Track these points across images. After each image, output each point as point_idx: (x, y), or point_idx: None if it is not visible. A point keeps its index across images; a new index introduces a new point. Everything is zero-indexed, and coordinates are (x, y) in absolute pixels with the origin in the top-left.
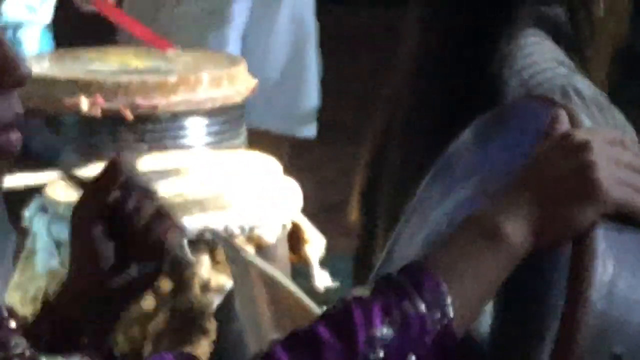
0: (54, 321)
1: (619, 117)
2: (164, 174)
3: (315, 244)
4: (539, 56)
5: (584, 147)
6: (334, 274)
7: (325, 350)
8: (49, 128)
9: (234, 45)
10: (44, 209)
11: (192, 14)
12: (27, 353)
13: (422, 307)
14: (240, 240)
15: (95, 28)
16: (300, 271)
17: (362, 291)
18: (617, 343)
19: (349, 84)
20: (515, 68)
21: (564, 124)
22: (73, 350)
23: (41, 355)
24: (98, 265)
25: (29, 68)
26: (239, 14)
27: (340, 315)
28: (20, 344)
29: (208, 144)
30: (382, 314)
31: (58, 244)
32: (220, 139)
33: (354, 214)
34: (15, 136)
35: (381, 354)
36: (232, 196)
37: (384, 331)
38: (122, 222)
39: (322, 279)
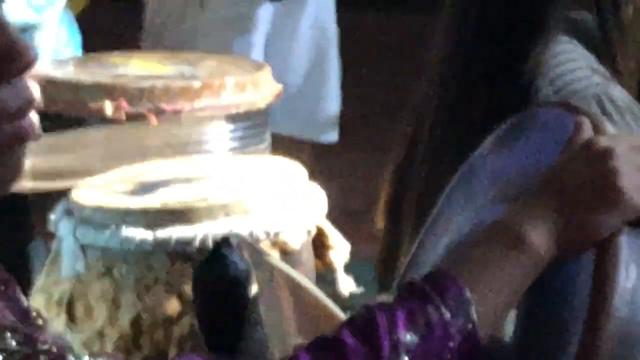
0: None
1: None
2: (188, 179)
3: (339, 250)
4: (572, 64)
5: (606, 154)
6: (357, 280)
7: (350, 356)
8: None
9: (257, 51)
10: (69, 212)
11: (217, 20)
12: (54, 349)
13: (446, 313)
14: (264, 245)
15: (120, 33)
16: (324, 277)
17: (386, 297)
18: (639, 349)
19: (372, 90)
20: (548, 77)
21: (587, 131)
22: None
23: (68, 353)
24: None
25: (35, 53)
26: (263, 20)
27: (364, 320)
28: (47, 341)
29: (232, 149)
30: (406, 320)
31: (84, 248)
32: (244, 144)
33: (379, 221)
34: (28, 123)
35: (404, 359)
36: (257, 201)
37: (407, 337)
38: None
39: (347, 285)
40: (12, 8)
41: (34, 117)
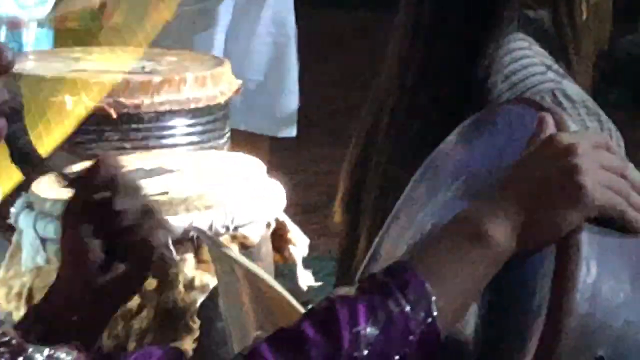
0: (43, 321)
1: (606, 120)
2: (148, 173)
3: (298, 244)
4: (527, 60)
5: (569, 150)
6: (315, 274)
7: (310, 348)
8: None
9: (218, 46)
10: (29, 206)
11: (179, 16)
12: (14, 342)
13: (407, 306)
14: (224, 239)
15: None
16: (283, 271)
17: (347, 290)
18: (599, 345)
19: (330, 86)
20: (504, 72)
21: (550, 128)
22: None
23: (29, 346)
24: (86, 264)
25: (12, 55)
26: (223, 16)
27: (325, 313)
28: (7, 334)
29: (192, 144)
30: (366, 313)
31: (44, 241)
32: (204, 138)
33: (338, 215)
34: (2, 123)
35: (365, 352)
36: (217, 195)
37: (368, 330)
38: (109, 221)
39: (305, 279)
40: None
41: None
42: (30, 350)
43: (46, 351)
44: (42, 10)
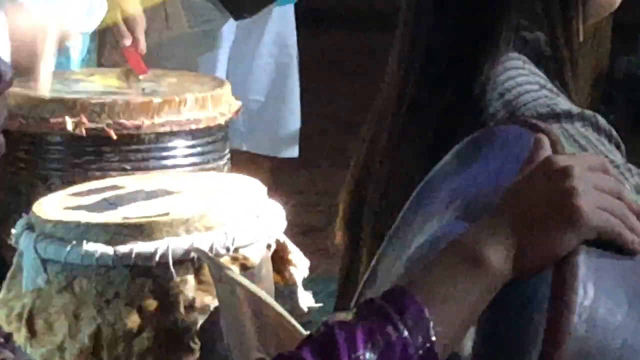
0: None
1: (602, 139)
2: (149, 195)
3: (299, 265)
4: (521, 79)
5: (564, 173)
6: (315, 295)
7: None
8: (34, 147)
9: (221, 67)
10: (30, 227)
11: (182, 37)
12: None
13: (405, 331)
14: (225, 260)
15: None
16: (283, 292)
17: (345, 315)
18: None
19: (330, 106)
20: (498, 90)
21: (545, 150)
22: None
23: None
24: None
25: (12, 74)
26: (227, 37)
27: (324, 339)
28: (7, 358)
29: (192, 165)
30: (365, 338)
31: (44, 262)
32: (204, 159)
33: (338, 237)
34: (2, 139)
35: None
36: (217, 216)
37: (367, 355)
38: None
39: (305, 300)
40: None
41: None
42: None
43: None
44: (92, 20)
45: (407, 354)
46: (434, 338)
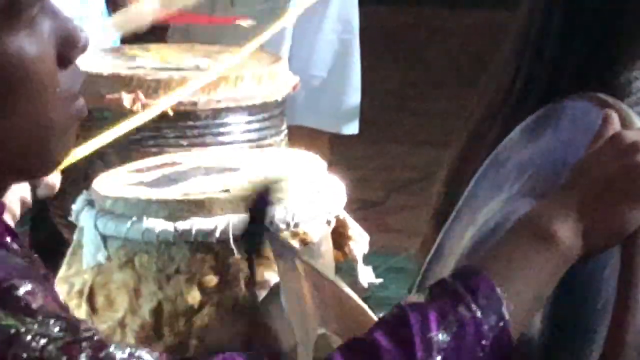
0: None
1: None
2: (208, 170)
3: (358, 241)
4: None
5: (633, 148)
6: (372, 271)
7: (384, 357)
8: (90, 123)
9: (285, 44)
10: (90, 203)
11: (247, 15)
12: (96, 338)
13: (478, 311)
14: (285, 236)
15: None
16: (343, 267)
17: (418, 297)
18: None
19: (388, 82)
20: (635, 97)
21: (615, 125)
22: None
23: (111, 343)
24: None
25: (86, 38)
26: (292, 13)
27: (396, 321)
28: (90, 329)
29: (248, 141)
30: (438, 319)
31: (104, 239)
32: (260, 136)
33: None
34: (82, 102)
35: (438, 359)
36: (277, 192)
37: (440, 336)
38: None
39: (366, 275)
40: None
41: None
42: (112, 347)
43: (128, 349)
44: (99, 4)
45: (481, 334)
46: (507, 317)
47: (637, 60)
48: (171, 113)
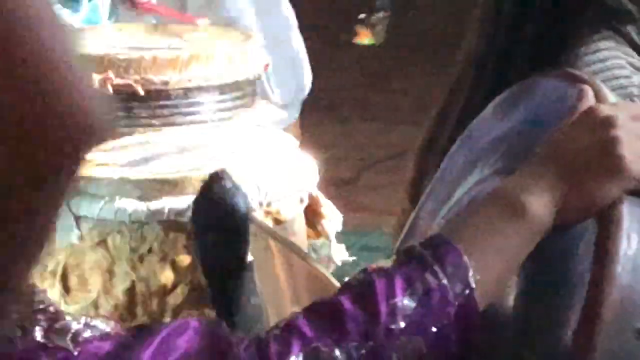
0: None
1: None
2: (180, 150)
3: (332, 219)
4: (613, 62)
5: (608, 122)
6: (346, 249)
7: (347, 320)
8: None
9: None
10: None
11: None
12: (52, 309)
13: (444, 279)
14: (258, 215)
15: None
16: (316, 246)
17: (384, 262)
18: None
19: (361, 61)
20: (585, 70)
21: (589, 99)
22: None
23: (66, 314)
24: None
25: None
26: None
27: (362, 285)
28: (45, 301)
29: (220, 120)
30: (403, 285)
31: (77, 219)
32: (232, 114)
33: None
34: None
35: (402, 324)
36: (250, 171)
37: (405, 302)
38: None
39: (339, 253)
40: None
41: None
42: (67, 318)
43: (83, 319)
44: None
45: (446, 301)
46: (473, 285)
47: (586, 36)
48: (142, 92)
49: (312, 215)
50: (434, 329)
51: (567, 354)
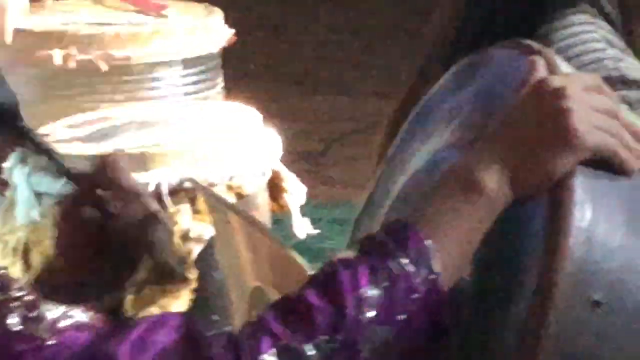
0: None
1: None
2: (142, 125)
3: (295, 193)
4: (587, 35)
5: (559, 93)
6: (313, 223)
7: (316, 315)
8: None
9: None
10: (23, 160)
11: None
12: (28, 298)
13: (408, 265)
14: (220, 190)
15: None
16: (280, 219)
17: (348, 253)
18: (595, 289)
19: (329, 35)
20: (559, 45)
21: (540, 71)
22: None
23: (43, 302)
24: (79, 252)
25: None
26: None
27: (327, 278)
28: (21, 289)
29: (185, 94)
30: (368, 275)
31: (38, 196)
32: (196, 89)
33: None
34: None
35: (369, 314)
36: (212, 145)
37: (370, 291)
38: (107, 218)
39: (302, 227)
40: None
41: None
42: (44, 306)
43: (61, 308)
44: None
45: (412, 288)
46: (438, 269)
47: (561, 9)
48: (105, 68)
49: (275, 189)
50: (402, 316)
51: (523, 325)
